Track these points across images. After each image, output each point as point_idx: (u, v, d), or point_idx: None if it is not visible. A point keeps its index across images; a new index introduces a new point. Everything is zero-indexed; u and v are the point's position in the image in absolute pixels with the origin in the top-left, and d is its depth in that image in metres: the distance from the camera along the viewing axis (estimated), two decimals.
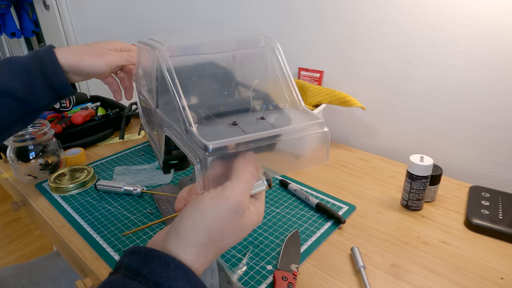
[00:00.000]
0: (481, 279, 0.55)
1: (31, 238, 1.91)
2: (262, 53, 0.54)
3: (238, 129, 0.43)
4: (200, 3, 1.25)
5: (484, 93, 0.77)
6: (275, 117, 0.48)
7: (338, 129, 1.04)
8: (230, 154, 0.40)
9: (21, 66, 0.56)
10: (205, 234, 0.34)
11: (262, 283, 0.54)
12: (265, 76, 0.54)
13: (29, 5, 2.15)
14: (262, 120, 0.47)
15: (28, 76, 0.56)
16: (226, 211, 0.34)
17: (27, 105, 0.57)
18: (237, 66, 0.54)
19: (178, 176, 0.84)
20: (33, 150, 0.83)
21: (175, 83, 0.44)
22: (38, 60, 0.57)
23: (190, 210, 0.35)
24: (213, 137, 0.39)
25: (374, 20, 0.87)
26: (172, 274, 0.32)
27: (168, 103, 0.47)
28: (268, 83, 0.53)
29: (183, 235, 0.34)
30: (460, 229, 0.65)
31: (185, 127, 0.42)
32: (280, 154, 0.45)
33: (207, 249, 0.34)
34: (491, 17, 0.71)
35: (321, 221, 0.67)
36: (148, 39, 0.54)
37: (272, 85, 0.53)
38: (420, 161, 0.66)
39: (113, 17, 1.66)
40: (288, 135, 0.44)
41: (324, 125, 0.46)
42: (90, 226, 0.67)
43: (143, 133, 1.06)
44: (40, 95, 0.57)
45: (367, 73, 0.93)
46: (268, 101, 0.51)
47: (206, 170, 0.39)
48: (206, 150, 0.38)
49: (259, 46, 0.54)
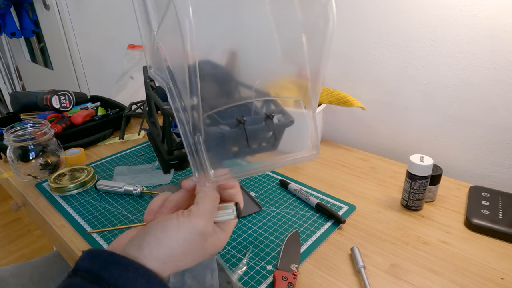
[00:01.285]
0: (481, 279, 0.55)
1: (31, 238, 1.91)
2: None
3: (242, 133, 0.43)
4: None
5: (484, 93, 0.77)
6: (278, 118, 0.48)
7: (338, 129, 1.04)
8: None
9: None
10: (167, 254, 0.35)
11: (262, 283, 0.54)
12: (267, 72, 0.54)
13: (29, 5, 2.14)
14: (266, 120, 0.47)
15: None
16: (191, 234, 0.36)
17: None
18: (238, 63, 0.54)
19: (178, 176, 0.84)
20: (33, 150, 0.83)
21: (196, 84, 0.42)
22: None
23: (157, 230, 0.36)
24: (216, 161, 0.40)
25: (374, 20, 0.87)
26: (132, 276, 0.32)
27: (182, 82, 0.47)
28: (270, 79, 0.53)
29: (146, 252, 0.35)
30: (460, 229, 0.65)
31: (193, 132, 0.42)
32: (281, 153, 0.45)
33: (166, 266, 0.35)
34: (491, 17, 0.71)
35: (321, 221, 0.67)
36: None
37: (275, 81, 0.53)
38: (420, 161, 0.66)
39: (113, 18, 1.66)
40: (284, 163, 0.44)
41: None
42: (90, 226, 0.67)
43: (143, 133, 1.06)
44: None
45: (367, 73, 0.93)
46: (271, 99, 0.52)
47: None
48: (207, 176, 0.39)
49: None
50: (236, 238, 0.63)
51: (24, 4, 2.17)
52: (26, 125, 0.85)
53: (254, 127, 0.44)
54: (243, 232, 0.65)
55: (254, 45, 0.47)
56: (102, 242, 0.63)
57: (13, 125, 0.84)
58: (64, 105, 1.10)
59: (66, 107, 1.10)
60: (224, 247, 0.61)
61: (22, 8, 2.18)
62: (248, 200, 0.73)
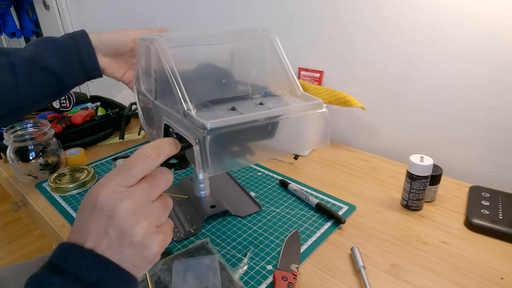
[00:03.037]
0: (481, 279, 0.55)
1: (31, 238, 1.91)
2: (260, 45, 0.54)
3: (237, 113, 0.44)
4: (200, 4, 1.25)
5: (484, 93, 0.77)
6: (274, 103, 0.48)
7: (338, 129, 1.04)
8: (228, 134, 0.40)
9: (60, 46, 0.62)
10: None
11: (262, 283, 0.54)
12: (263, 65, 0.54)
13: (29, 5, 2.15)
14: (260, 105, 0.47)
15: (65, 56, 0.62)
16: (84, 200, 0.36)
17: (61, 81, 0.63)
18: (235, 58, 0.55)
19: (178, 176, 0.84)
20: (33, 150, 0.83)
21: (174, 71, 0.44)
22: (74, 42, 0.63)
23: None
24: (211, 118, 0.39)
25: (374, 20, 0.87)
26: (91, 265, 0.33)
27: (166, 93, 0.48)
28: (267, 74, 0.54)
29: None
30: (460, 229, 0.65)
31: (183, 111, 0.42)
32: (280, 138, 0.45)
33: (79, 233, 0.36)
34: (491, 17, 0.71)
35: (321, 221, 0.67)
36: (147, 36, 0.54)
37: (271, 76, 0.53)
38: (420, 161, 0.66)
39: (113, 18, 1.66)
40: (286, 115, 0.43)
41: (323, 106, 0.46)
42: None
43: (143, 133, 1.06)
44: (74, 74, 0.64)
45: (367, 73, 0.93)
46: (266, 91, 0.52)
47: (205, 149, 0.39)
48: (204, 129, 0.38)
49: (256, 38, 0.54)
50: (236, 238, 0.63)
51: (24, 4, 2.17)
52: (26, 125, 0.85)
53: (249, 111, 0.44)
54: (243, 232, 0.65)
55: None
56: None
57: (13, 125, 0.84)
58: (64, 105, 1.10)
59: (66, 107, 1.10)
60: (224, 247, 0.61)
61: (22, 8, 2.18)
62: (248, 200, 0.73)
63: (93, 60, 0.64)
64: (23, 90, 0.60)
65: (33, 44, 0.62)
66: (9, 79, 0.58)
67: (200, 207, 0.69)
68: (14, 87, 0.59)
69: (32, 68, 0.60)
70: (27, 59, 0.60)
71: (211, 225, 0.66)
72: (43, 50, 0.61)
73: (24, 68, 0.59)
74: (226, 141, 0.40)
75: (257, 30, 0.54)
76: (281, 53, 0.52)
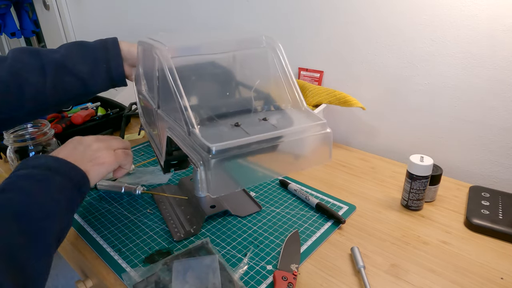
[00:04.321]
0: (481, 279, 0.55)
1: None
2: (264, 53, 0.53)
3: (241, 131, 0.43)
4: (198, 4, 1.25)
5: (484, 93, 0.77)
6: (277, 118, 0.48)
7: (338, 129, 1.04)
8: (232, 157, 0.40)
9: (91, 52, 0.66)
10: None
11: (262, 283, 0.54)
12: (267, 76, 0.54)
13: (29, 5, 2.14)
14: (264, 121, 0.47)
15: (94, 63, 0.66)
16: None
17: (87, 86, 0.66)
18: (238, 67, 0.54)
19: (178, 176, 0.84)
20: (33, 150, 0.83)
21: (177, 84, 0.44)
22: (105, 50, 0.67)
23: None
24: (215, 139, 0.39)
25: (373, 20, 0.87)
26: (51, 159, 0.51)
27: (169, 103, 0.48)
28: (270, 83, 0.53)
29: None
30: (460, 229, 0.65)
31: (187, 128, 0.42)
32: (282, 155, 0.45)
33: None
34: (491, 17, 0.71)
35: (321, 221, 0.67)
36: (149, 39, 0.53)
37: (274, 85, 0.52)
38: (420, 161, 0.66)
39: (113, 17, 1.66)
40: (290, 136, 0.43)
41: (327, 126, 0.46)
42: (90, 226, 0.67)
43: (143, 133, 1.06)
44: (100, 81, 0.67)
45: (367, 73, 0.93)
46: (269, 101, 0.51)
47: (210, 172, 0.38)
48: (209, 152, 0.38)
49: (260, 46, 0.53)
50: (236, 238, 0.63)
51: (24, 4, 2.17)
52: (26, 125, 0.85)
53: (253, 128, 0.44)
54: (243, 232, 0.65)
55: None
56: (102, 242, 0.63)
57: None
58: None
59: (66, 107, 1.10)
60: (224, 247, 0.61)
61: (22, 8, 2.18)
62: (248, 200, 0.73)
63: (120, 70, 0.68)
64: (49, 91, 0.63)
65: (66, 47, 0.66)
66: (37, 80, 0.62)
67: (200, 207, 0.69)
68: (42, 87, 0.62)
69: (61, 71, 0.63)
70: (57, 62, 0.63)
71: (211, 225, 0.66)
72: (74, 55, 0.65)
73: (53, 70, 0.63)
74: (230, 164, 0.40)
75: (261, 38, 0.53)
76: (285, 63, 0.51)
